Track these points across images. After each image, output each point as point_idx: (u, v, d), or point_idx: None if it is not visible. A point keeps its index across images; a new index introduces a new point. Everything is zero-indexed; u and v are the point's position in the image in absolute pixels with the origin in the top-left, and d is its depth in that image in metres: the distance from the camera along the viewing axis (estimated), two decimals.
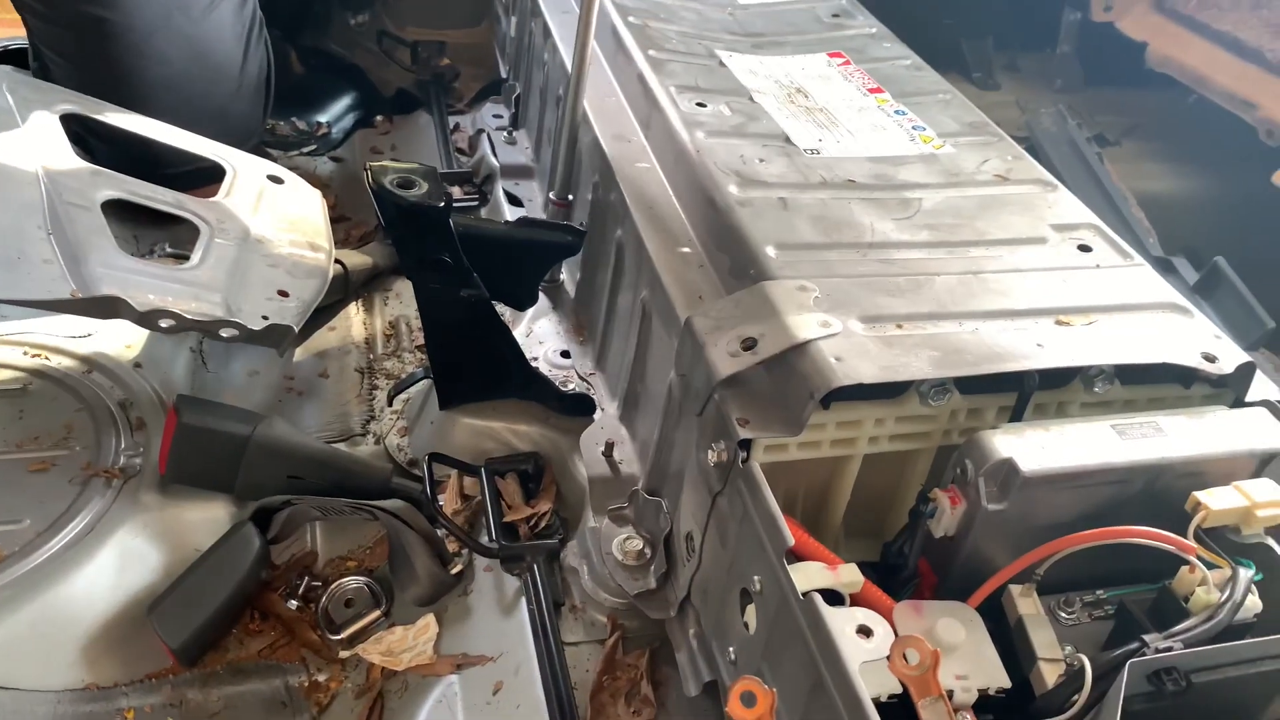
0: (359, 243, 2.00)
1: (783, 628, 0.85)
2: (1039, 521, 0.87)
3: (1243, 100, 1.99)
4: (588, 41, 1.36)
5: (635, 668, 1.14)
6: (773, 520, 0.85)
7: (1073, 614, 0.89)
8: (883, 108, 1.44)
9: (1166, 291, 1.07)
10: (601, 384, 1.44)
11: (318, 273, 1.48)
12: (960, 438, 0.94)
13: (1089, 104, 2.40)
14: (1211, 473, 0.89)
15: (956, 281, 1.05)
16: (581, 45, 1.36)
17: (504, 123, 2.15)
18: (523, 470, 1.37)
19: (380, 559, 1.35)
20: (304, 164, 2.25)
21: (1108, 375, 0.96)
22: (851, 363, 0.90)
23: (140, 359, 1.56)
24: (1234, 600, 0.79)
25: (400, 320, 1.79)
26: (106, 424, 1.41)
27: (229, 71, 1.88)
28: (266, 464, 1.33)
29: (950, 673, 0.79)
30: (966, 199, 1.22)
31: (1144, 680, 0.75)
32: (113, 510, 1.30)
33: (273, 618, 1.29)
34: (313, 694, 1.23)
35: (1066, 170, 2.08)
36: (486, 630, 1.22)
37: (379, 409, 1.60)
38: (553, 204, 1.56)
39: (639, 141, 1.44)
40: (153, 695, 1.20)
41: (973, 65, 2.56)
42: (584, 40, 1.36)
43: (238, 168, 1.61)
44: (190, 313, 1.29)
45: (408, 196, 1.18)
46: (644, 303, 1.24)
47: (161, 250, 1.74)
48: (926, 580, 0.94)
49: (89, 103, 1.61)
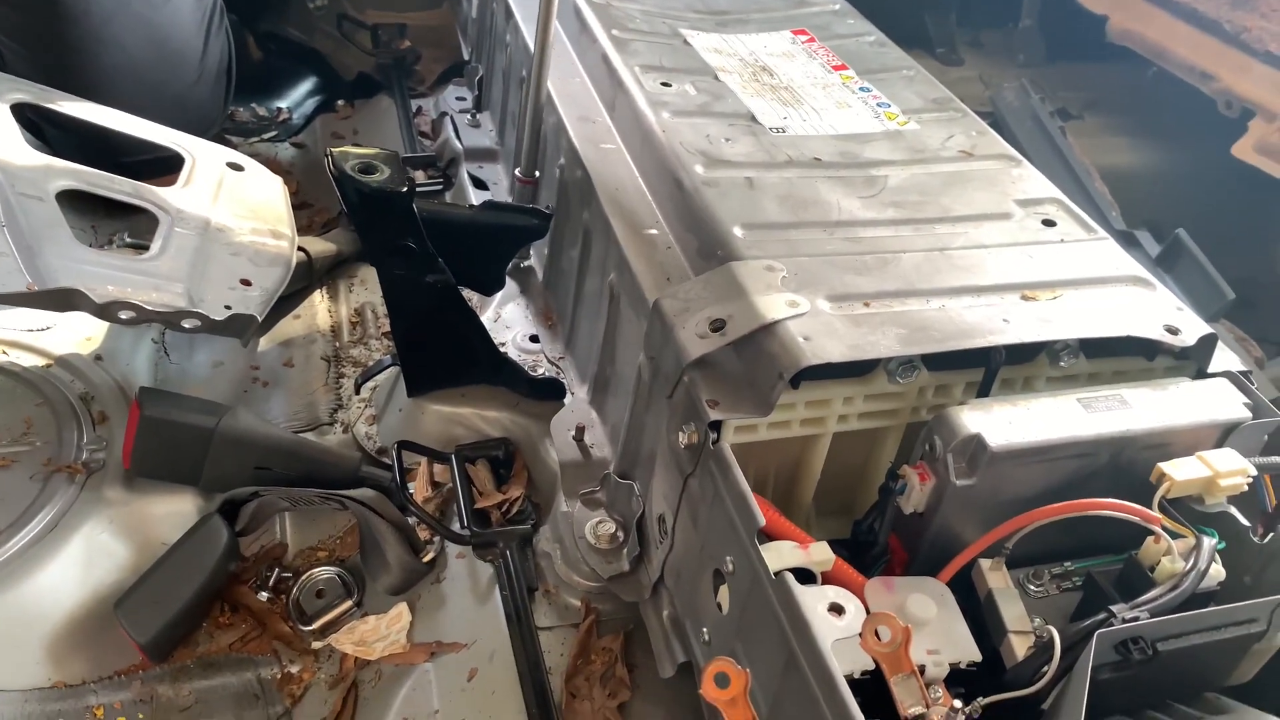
0: (322, 230, 1.98)
1: (755, 607, 0.85)
2: (1007, 496, 0.87)
3: (1202, 72, 2.00)
4: (550, 22, 1.34)
5: (610, 651, 1.15)
6: (744, 500, 0.85)
7: (1041, 587, 0.90)
8: (847, 85, 1.44)
9: (1129, 265, 1.08)
10: (571, 368, 1.43)
11: (281, 261, 1.46)
12: (928, 415, 0.95)
13: (1051, 78, 2.41)
14: (1175, 444, 0.90)
15: (923, 258, 1.05)
16: (544, 26, 1.35)
17: (467, 105, 2.13)
18: (493, 456, 1.37)
19: (351, 549, 1.34)
20: (264, 151, 2.22)
21: (1073, 349, 0.97)
22: (820, 342, 0.90)
23: (101, 352, 1.54)
24: (1198, 569, 0.80)
25: (366, 307, 1.78)
26: (68, 418, 1.39)
27: (189, 59, 1.85)
28: (233, 455, 1.32)
29: (922, 648, 0.80)
30: (932, 175, 1.22)
31: (1111, 650, 0.76)
32: (76, 506, 1.29)
33: (243, 610, 1.28)
34: (286, 686, 1.23)
35: (1030, 145, 2.09)
36: (460, 617, 1.22)
37: (346, 397, 1.59)
38: (519, 181, 1.55)
39: (604, 122, 1.43)
40: (122, 691, 1.19)
41: (936, 41, 2.56)
42: (546, 21, 1.34)
43: (196, 156, 1.58)
44: (151, 304, 1.27)
45: (370, 182, 1.17)
46: (612, 285, 1.24)
47: (120, 241, 1.71)
48: (897, 557, 0.94)
49: (43, 91, 1.57)
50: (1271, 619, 0.81)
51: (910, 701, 0.72)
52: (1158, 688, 0.84)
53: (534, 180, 1.53)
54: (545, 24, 1.35)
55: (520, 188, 1.55)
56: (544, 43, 1.36)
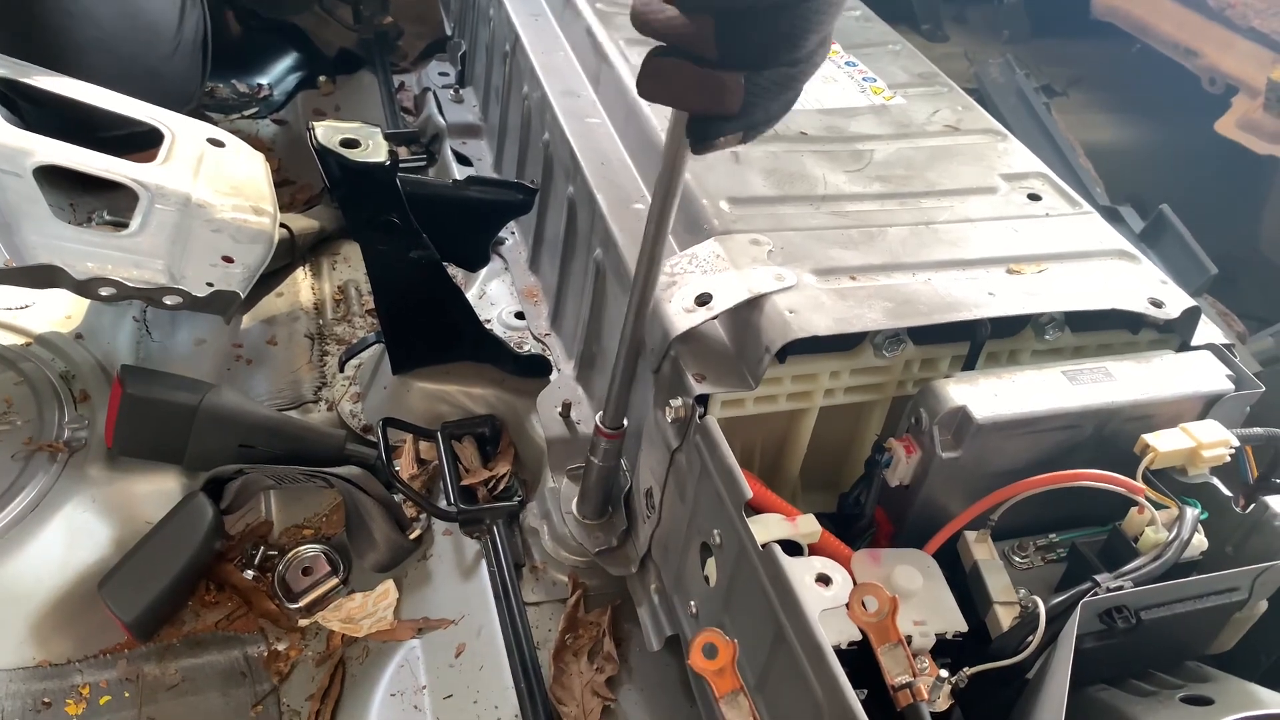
0: (304, 206, 1.96)
1: (743, 579, 0.85)
2: (993, 468, 0.88)
3: (1185, 48, 2.00)
4: (668, 214, 0.90)
5: (597, 625, 1.15)
6: (731, 474, 0.85)
7: (1026, 558, 0.90)
8: (833, 59, 1.43)
9: (1114, 239, 1.08)
10: (557, 344, 1.43)
11: (263, 238, 1.44)
12: (914, 388, 0.95)
13: (1036, 54, 2.41)
14: (1159, 416, 0.90)
15: (909, 232, 1.05)
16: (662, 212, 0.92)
17: (450, 81, 2.11)
18: (479, 433, 1.36)
19: (337, 526, 1.34)
20: (245, 127, 2.19)
21: (1058, 322, 0.97)
22: (806, 315, 0.89)
23: (82, 330, 1.52)
24: (1181, 539, 0.80)
25: (349, 284, 1.77)
26: (49, 397, 1.38)
27: (164, 32, 1.82)
28: (216, 433, 1.31)
29: (909, 618, 0.80)
30: (918, 150, 1.22)
31: (1096, 619, 0.77)
32: (59, 485, 1.28)
33: (229, 588, 1.28)
34: (273, 663, 1.22)
35: (1015, 121, 2.09)
36: (447, 594, 1.22)
37: (330, 375, 1.58)
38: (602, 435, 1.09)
39: (588, 96, 1.42)
40: (107, 670, 1.18)
41: (921, 17, 2.55)
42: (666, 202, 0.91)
43: (176, 131, 1.56)
44: (131, 280, 1.26)
45: (352, 156, 1.15)
46: (598, 261, 1.23)
47: (99, 217, 1.69)
48: (883, 529, 0.95)
49: (18, 65, 1.55)
50: (1253, 588, 0.81)
51: (897, 671, 0.73)
52: (1141, 656, 0.85)
53: (620, 432, 1.07)
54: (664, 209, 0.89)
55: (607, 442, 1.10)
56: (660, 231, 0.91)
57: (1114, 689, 0.83)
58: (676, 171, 0.83)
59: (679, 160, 0.82)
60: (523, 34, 1.60)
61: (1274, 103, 1.76)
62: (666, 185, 0.84)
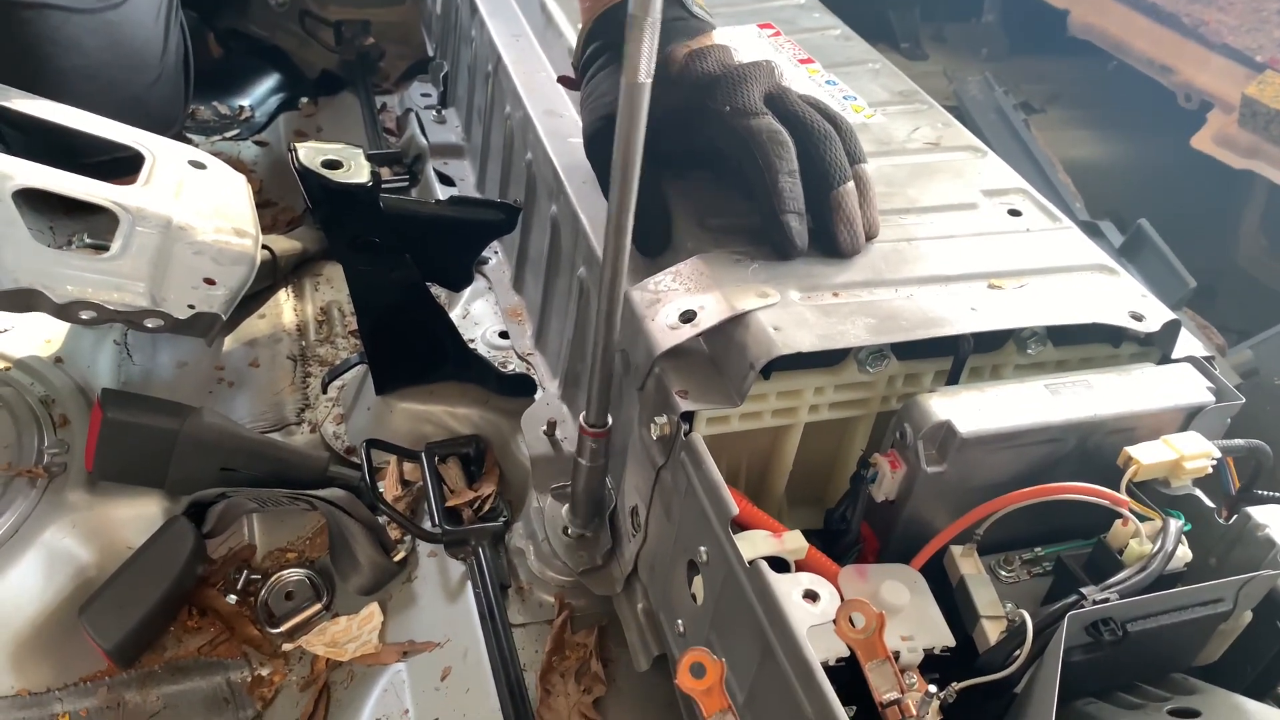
0: (287, 228, 1.96)
1: (730, 597, 0.85)
2: (977, 482, 0.88)
3: (1161, 65, 2.02)
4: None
5: (584, 646, 1.14)
6: (717, 491, 0.85)
7: (1012, 572, 0.90)
8: (814, 78, 1.44)
9: (1094, 253, 1.09)
10: (541, 363, 1.43)
11: (244, 259, 1.44)
12: (898, 403, 0.95)
13: (1014, 72, 2.43)
14: (1141, 428, 0.91)
15: (890, 249, 1.05)
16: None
17: (433, 101, 2.12)
18: (464, 454, 1.36)
19: (321, 549, 1.33)
20: (227, 149, 2.19)
21: (1040, 336, 0.98)
22: (790, 332, 0.90)
23: (62, 353, 1.51)
24: (1165, 550, 0.81)
25: (332, 305, 1.76)
26: (28, 422, 1.37)
27: (148, 59, 1.82)
28: (198, 457, 1.30)
29: (896, 634, 0.80)
30: (898, 167, 1.23)
31: (1082, 631, 0.77)
32: (38, 511, 1.26)
33: (211, 613, 1.26)
34: (256, 689, 1.21)
35: (994, 138, 2.10)
36: (432, 616, 1.21)
37: (313, 397, 1.57)
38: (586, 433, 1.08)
39: (571, 116, 1.42)
40: (88, 698, 1.17)
41: (900, 35, 2.57)
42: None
43: (157, 154, 1.56)
44: (112, 303, 1.25)
45: (335, 177, 1.15)
46: (581, 279, 1.23)
47: (79, 241, 1.68)
48: (869, 545, 0.94)
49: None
50: (1237, 598, 0.82)
51: (885, 687, 0.73)
52: (1127, 669, 0.85)
53: (605, 430, 1.07)
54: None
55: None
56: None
57: (1101, 702, 0.83)
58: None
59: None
60: (505, 54, 1.60)
61: (1248, 118, 1.78)
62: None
